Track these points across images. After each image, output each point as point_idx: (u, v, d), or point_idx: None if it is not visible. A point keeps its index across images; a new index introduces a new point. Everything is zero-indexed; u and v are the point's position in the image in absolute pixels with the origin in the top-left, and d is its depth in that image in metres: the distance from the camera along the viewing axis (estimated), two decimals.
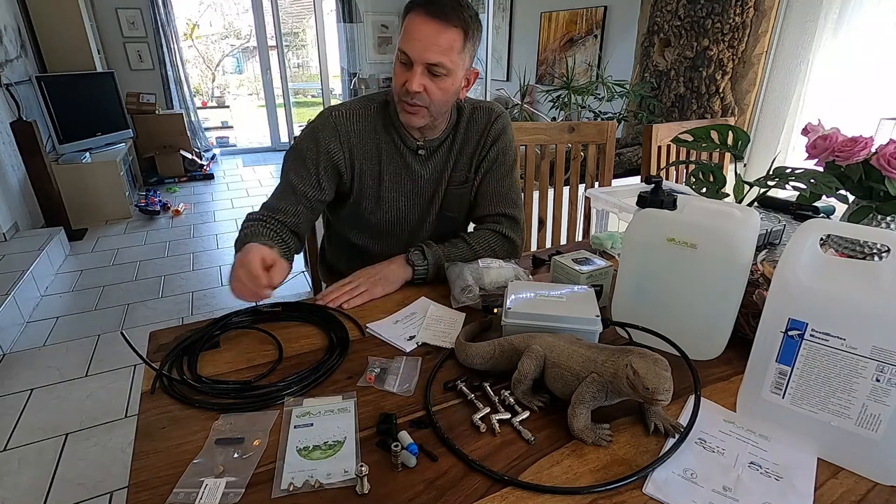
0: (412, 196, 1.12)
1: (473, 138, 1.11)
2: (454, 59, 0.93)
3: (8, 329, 2.15)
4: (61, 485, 1.46)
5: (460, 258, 1.03)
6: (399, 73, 0.96)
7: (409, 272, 1.00)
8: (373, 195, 1.10)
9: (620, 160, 2.79)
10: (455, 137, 1.11)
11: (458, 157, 1.11)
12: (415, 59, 0.92)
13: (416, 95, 0.94)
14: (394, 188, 1.10)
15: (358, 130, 1.05)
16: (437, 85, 0.95)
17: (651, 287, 0.76)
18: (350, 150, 1.05)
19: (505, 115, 1.13)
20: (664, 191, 0.74)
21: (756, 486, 0.54)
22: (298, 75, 8.72)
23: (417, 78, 0.92)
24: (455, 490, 0.53)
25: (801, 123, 2.48)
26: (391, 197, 1.11)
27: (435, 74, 0.93)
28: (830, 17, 2.35)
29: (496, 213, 1.13)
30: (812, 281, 0.54)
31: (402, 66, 0.95)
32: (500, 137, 1.11)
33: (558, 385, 0.63)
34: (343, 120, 1.04)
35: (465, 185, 1.14)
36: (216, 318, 0.84)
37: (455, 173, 1.12)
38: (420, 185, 1.12)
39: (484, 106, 1.13)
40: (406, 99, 0.96)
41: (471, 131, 1.11)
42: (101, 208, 3.61)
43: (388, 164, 1.08)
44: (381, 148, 1.07)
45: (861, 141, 0.84)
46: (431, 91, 0.94)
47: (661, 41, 3.14)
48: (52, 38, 3.80)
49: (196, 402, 0.66)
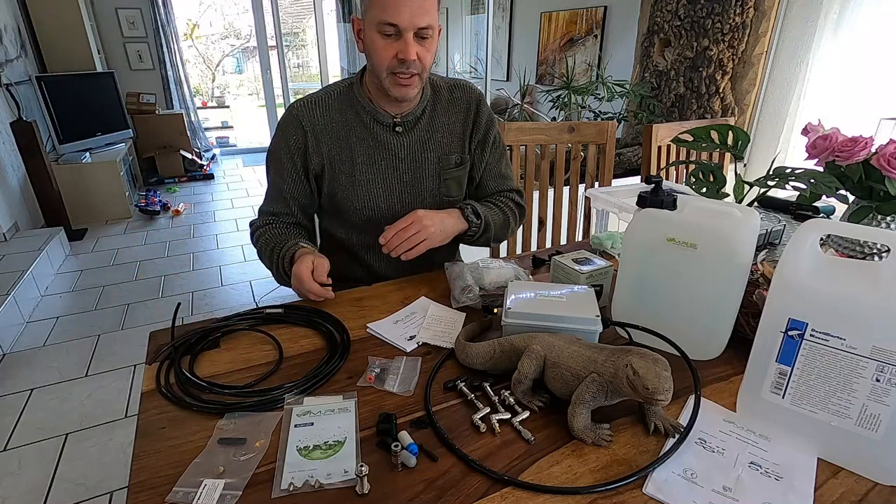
0: (391, 178, 1.08)
1: (459, 118, 1.09)
2: (435, 15, 0.92)
3: (8, 329, 2.15)
4: (61, 485, 1.46)
5: (497, 222, 1.08)
6: (384, 47, 0.92)
7: (463, 226, 1.02)
8: (347, 181, 1.06)
9: (620, 160, 2.79)
10: (434, 115, 1.08)
11: (449, 137, 1.09)
12: (405, 26, 0.88)
13: (413, 63, 0.91)
14: (368, 170, 1.06)
15: (323, 117, 1.03)
16: (426, 47, 0.93)
17: (651, 287, 0.76)
18: (316, 138, 1.03)
19: (478, 90, 1.14)
20: (664, 191, 0.74)
21: (756, 486, 0.54)
22: (298, 75, 8.71)
23: (411, 46, 0.90)
24: (455, 490, 0.53)
25: (801, 123, 2.47)
26: (366, 180, 1.06)
27: (423, 37, 0.91)
28: (830, 17, 2.35)
29: (502, 189, 1.17)
30: (812, 281, 0.54)
31: (387, 38, 0.91)
32: (488, 114, 1.12)
33: (558, 385, 0.63)
34: (305, 110, 1.03)
35: (462, 167, 1.12)
36: (217, 318, 0.84)
37: (449, 156, 1.10)
38: (397, 165, 1.07)
39: (460, 84, 1.12)
40: (401, 70, 0.93)
41: (455, 110, 1.09)
42: (101, 208, 3.61)
43: (359, 146, 1.04)
44: (351, 130, 1.04)
45: (861, 141, 0.84)
46: (422, 56, 0.93)
47: (661, 41, 3.14)
48: (52, 38, 3.80)
49: (197, 403, 0.66)
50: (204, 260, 3.04)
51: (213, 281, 2.77)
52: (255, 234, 1.10)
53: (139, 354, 2.06)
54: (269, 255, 1.02)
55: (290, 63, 8.55)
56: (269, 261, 1.03)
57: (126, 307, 2.46)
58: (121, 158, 3.72)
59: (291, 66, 8.79)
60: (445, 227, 0.99)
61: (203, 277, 2.81)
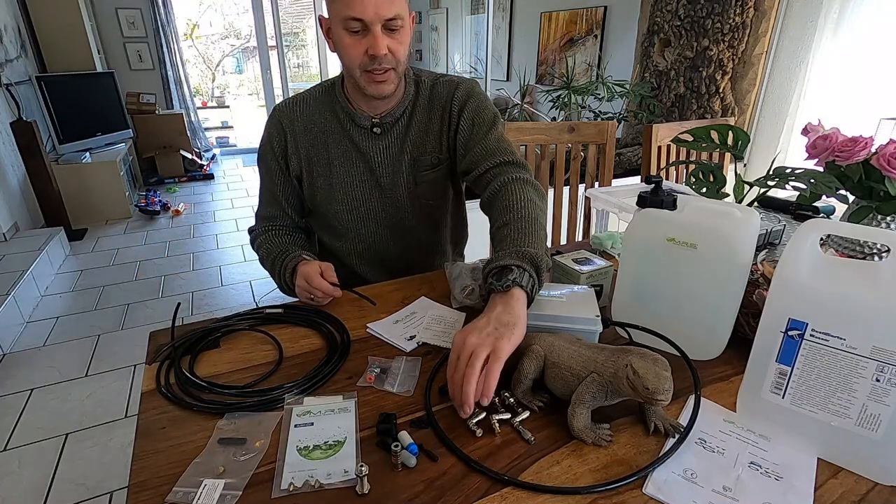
0: (368, 182, 1.04)
1: (436, 115, 1.02)
2: (404, 4, 0.87)
3: (8, 329, 2.15)
4: (61, 485, 1.46)
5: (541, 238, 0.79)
6: (353, 44, 0.87)
7: (524, 300, 0.69)
8: (325, 184, 1.04)
9: (620, 160, 2.79)
10: (414, 113, 1.02)
11: (424, 137, 1.03)
12: (371, 20, 0.83)
13: (384, 58, 0.87)
14: (346, 174, 1.03)
15: (302, 117, 1.01)
16: (398, 39, 0.88)
17: (651, 287, 0.76)
18: (295, 139, 1.01)
19: (469, 82, 1.03)
20: (664, 191, 0.74)
21: (756, 486, 0.54)
22: (298, 75, 8.71)
23: (381, 39, 0.85)
24: (455, 490, 0.53)
25: (801, 123, 2.47)
26: (344, 182, 1.03)
27: (392, 29, 0.86)
28: (830, 17, 2.35)
29: (494, 164, 0.95)
30: (812, 281, 0.54)
31: (354, 34, 0.86)
32: (466, 103, 1.01)
33: (558, 385, 0.63)
34: (287, 110, 1.01)
35: (439, 168, 1.05)
36: (217, 318, 0.85)
37: (423, 157, 1.03)
38: (373, 168, 1.03)
39: (445, 79, 1.04)
40: (373, 67, 0.88)
41: (433, 107, 1.02)
42: (101, 208, 3.61)
43: (335, 149, 1.01)
44: (328, 132, 1.01)
45: (861, 141, 0.84)
46: (394, 49, 0.88)
47: (661, 41, 3.14)
48: (52, 38, 3.81)
49: (197, 403, 0.66)
50: (204, 260, 3.04)
51: (213, 281, 2.77)
52: (255, 241, 1.10)
53: (139, 354, 2.06)
54: (272, 265, 1.02)
55: (290, 63, 8.55)
56: (271, 270, 1.03)
57: (126, 307, 2.46)
58: (121, 158, 3.72)
59: (291, 66, 8.79)
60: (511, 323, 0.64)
61: (203, 277, 2.81)
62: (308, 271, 0.89)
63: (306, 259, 0.97)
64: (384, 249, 1.14)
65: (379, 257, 1.15)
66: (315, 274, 0.89)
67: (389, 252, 1.14)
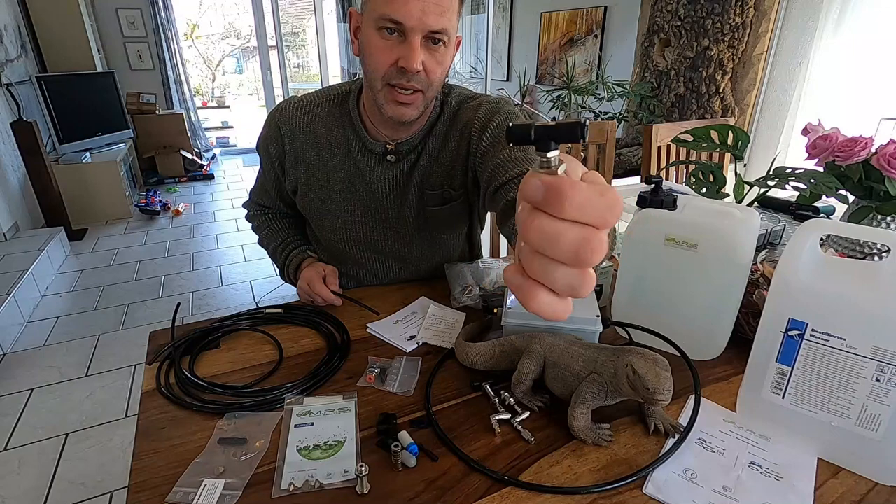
0: (372, 213, 0.91)
1: (453, 143, 0.86)
2: (454, 21, 0.72)
3: (8, 329, 2.15)
4: (61, 485, 1.46)
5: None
6: (383, 49, 0.71)
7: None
8: (321, 209, 0.92)
9: (620, 160, 2.79)
10: (430, 140, 0.87)
11: (437, 167, 0.87)
12: (412, 26, 0.68)
13: (416, 76, 0.72)
14: (346, 201, 0.90)
15: (305, 129, 0.87)
16: (436, 59, 0.73)
17: (651, 287, 0.76)
18: (294, 151, 0.88)
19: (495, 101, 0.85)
20: (664, 191, 0.74)
21: (756, 486, 0.54)
22: (298, 75, 8.71)
23: (417, 52, 0.69)
24: (455, 490, 0.53)
25: (801, 123, 2.47)
26: (344, 211, 0.91)
27: (434, 44, 0.71)
28: (830, 17, 2.35)
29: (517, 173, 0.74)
30: (812, 281, 0.54)
31: (387, 38, 0.70)
32: (488, 123, 0.83)
33: (558, 385, 0.63)
34: (289, 115, 0.87)
35: (449, 206, 0.91)
36: (217, 318, 0.85)
37: (434, 192, 0.88)
38: (380, 199, 0.90)
39: (471, 103, 0.86)
40: (400, 82, 0.73)
41: (450, 133, 0.86)
42: (102, 208, 3.61)
43: (337, 172, 0.88)
44: (332, 152, 0.87)
45: (861, 141, 0.84)
46: (431, 68, 0.72)
47: (661, 41, 3.14)
48: (52, 38, 3.80)
49: (197, 403, 0.66)
50: (204, 260, 3.04)
51: (213, 281, 2.77)
52: (252, 220, 1.09)
53: (139, 354, 2.06)
54: (274, 252, 1.03)
55: (290, 63, 8.55)
56: (272, 256, 1.04)
57: (126, 307, 2.46)
58: (121, 158, 3.72)
59: (291, 66, 8.79)
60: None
61: (203, 277, 2.81)
62: (311, 276, 0.89)
63: (311, 257, 0.96)
64: (387, 275, 1.04)
65: (381, 282, 1.05)
66: (318, 279, 0.88)
67: (394, 277, 1.04)
